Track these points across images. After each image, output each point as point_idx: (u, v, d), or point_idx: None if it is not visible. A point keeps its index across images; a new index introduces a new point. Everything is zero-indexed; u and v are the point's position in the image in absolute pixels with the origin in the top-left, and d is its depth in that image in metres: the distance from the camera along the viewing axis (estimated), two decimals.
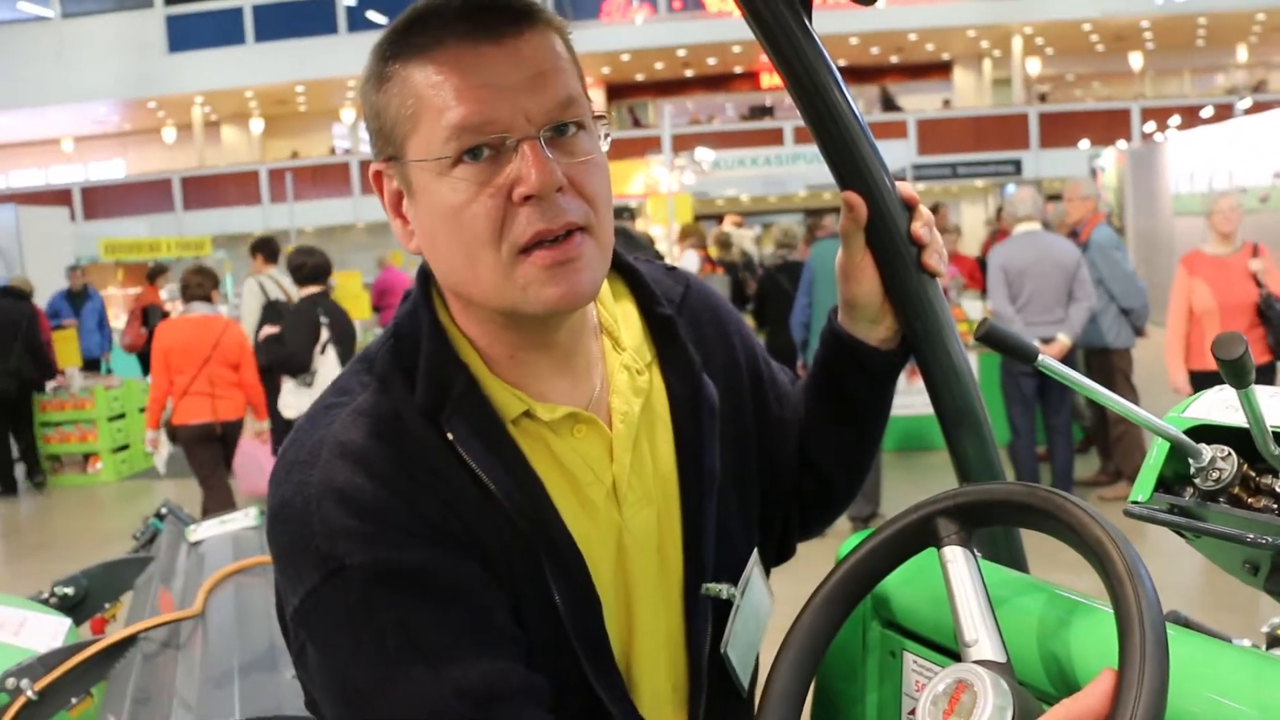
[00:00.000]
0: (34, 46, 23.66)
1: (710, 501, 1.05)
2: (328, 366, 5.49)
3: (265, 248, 7.15)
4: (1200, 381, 5.40)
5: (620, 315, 1.09)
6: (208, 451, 5.83)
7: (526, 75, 0.90)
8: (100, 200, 24.49)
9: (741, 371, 1.16)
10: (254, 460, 6.22)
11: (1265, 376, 5.30)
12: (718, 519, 1.06)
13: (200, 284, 5.92)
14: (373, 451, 0.91)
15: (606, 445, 1.01)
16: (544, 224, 0.90)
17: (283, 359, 5.58)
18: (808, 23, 1.10)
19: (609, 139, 0.97)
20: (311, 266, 5.75)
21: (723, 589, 1.05)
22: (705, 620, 1.05)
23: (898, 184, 1.14)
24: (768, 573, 1.18)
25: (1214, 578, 1.60)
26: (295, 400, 5.57)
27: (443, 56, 0.90)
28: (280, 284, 6.92)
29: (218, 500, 5.85)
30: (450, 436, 0.94)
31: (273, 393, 5.89)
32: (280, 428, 5.73)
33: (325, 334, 5.55)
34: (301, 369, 5.51)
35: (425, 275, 1.02)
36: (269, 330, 5.95)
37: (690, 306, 1.15)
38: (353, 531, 0.88)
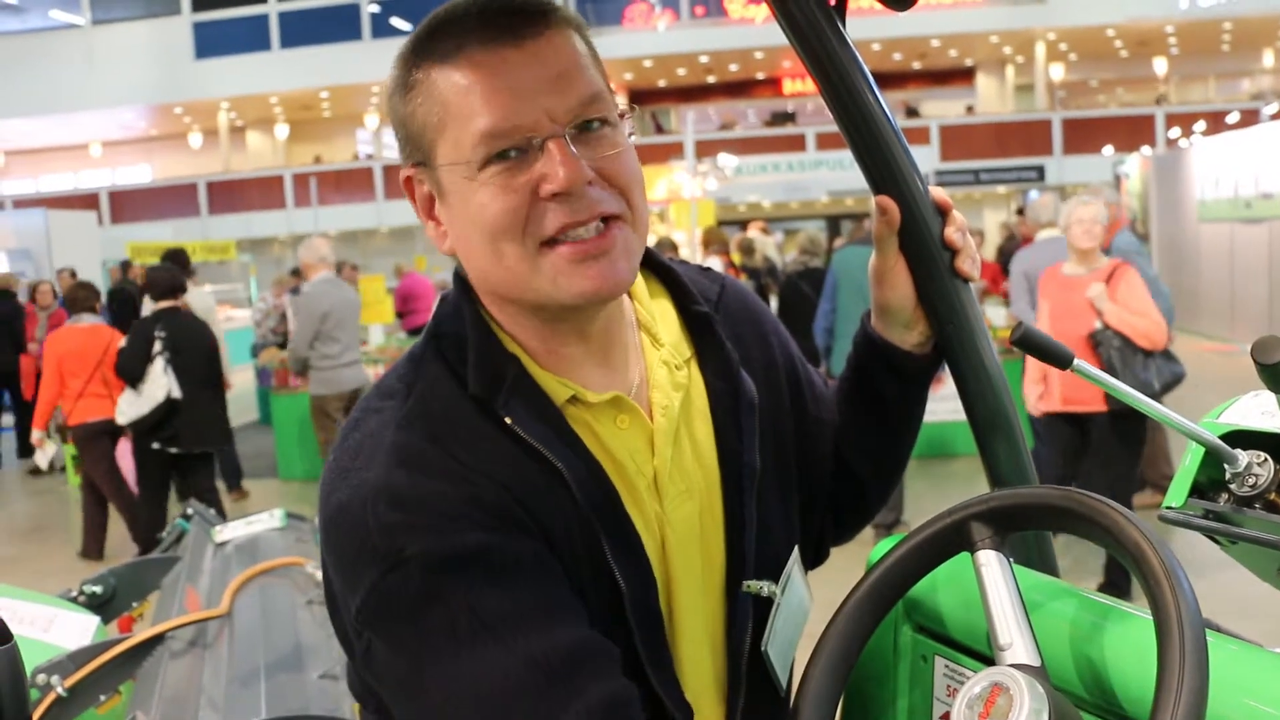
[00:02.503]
0: (64, 53, 23.92)
1: (751, 497, 1.06)
2: (155, 380, 5.89)
3: (174, 262, 7.42)
4: (1045, 425, 4.89)
5: (657, 312, 1.10)
6: (102, 448, 6.35)
7: (548, 76, 0.92)
8: (127, 204, 24.72)
9: (779, 371, 1.17)
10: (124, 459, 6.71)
11: (1077, 424, 4.70)
12: (759, 515, 1.06)
13: (85, 297, 6.52)
14: (427, 450, 0.92)
15: (647, 438, 1.02)
16: (570, 217, 0.92)
17: (120, 369, 6.03)
18: (842, 28, 1.10)
19: (632, 134, 0.98)
20: (164, 285, 6.19)
21: (764, 586, 1.05)
22: (746, 617, 1.05)
23: (931, 189, 1.14)
24: (805, 573, 1.18)
25: (1244, 587, 1.58)
26: (127, 406, 5.96)
27: (465, 63, 0.92)
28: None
29: (126, 497, 6.35)
30: (509, 420, 0.94)
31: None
32: (134, 428, 6.06)
33: (159, 346, 5.91)
34: (133, 380, 5.92)
35: (463, 276, 1.03)
36: (120, 343, 6.44)
37: (727, 305, 1.16)
38: (409, 524, 0.88)
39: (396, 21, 23.56)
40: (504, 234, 0.92)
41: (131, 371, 5.90)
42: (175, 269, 6.53)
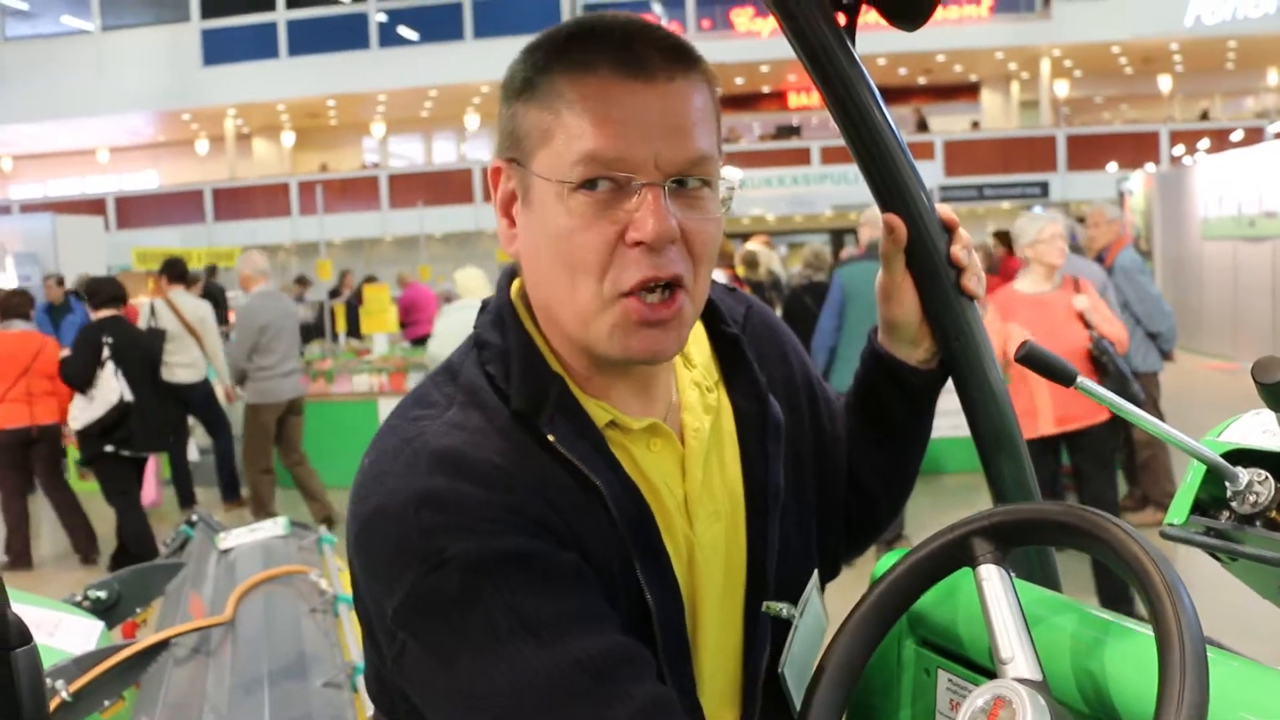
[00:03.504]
0: (74, 59, 24.01)
1: (774, 519, 1.06)
2: (106, 383, 6.06)
3: (170, 270, 7.62)
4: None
5: (691, 335, 1.10)
6: (13, 456, 6.45)
7: (668, 123, 0.91)
8: (134, 210, 24.78)
9: (799, 390, 1.18)
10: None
11: (1088, 441, 4.56)
12: (781, 538, 1.07)
13: (19, 304, 6.65)
14: (471, 458, 0.91)
15: (679, 460, 1.03)
16: (653, 270, 0.91)
17: (67, 375, 6.17)
18: (851, 48, 1.12)
19: (731, 200, 0.98)
20: (106, 293, 6.41)
21: (783, 608, 1.06)
22: (765, 638, 1.06)
23: (937, 207, 1.16)
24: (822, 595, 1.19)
25: (1245, 605, 1.59)
26: (79, 412, 6.10)
27: (593, 82, 0.91)
28: (175, 305, 7.41)
29: (13, 509, 6.50)
30: (551, 438, 0.94)
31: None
32: (79, 434, 6.19)
33: (107, 353, 6.09)
34: (83, 386, 6.07)
35: (508, 284, 1.03)
36: (64, 351, 6.63)
37: (752, 326, 1.17)
38: (452, 526, 0.88)
39: (404, 31, 23.67)
40: (584, 270, 0.92)
41: (80, 378, 6.06)
42: (116, 281, 6.79)
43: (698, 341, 1.11)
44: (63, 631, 2.49)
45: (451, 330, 6.96)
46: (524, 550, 0.88)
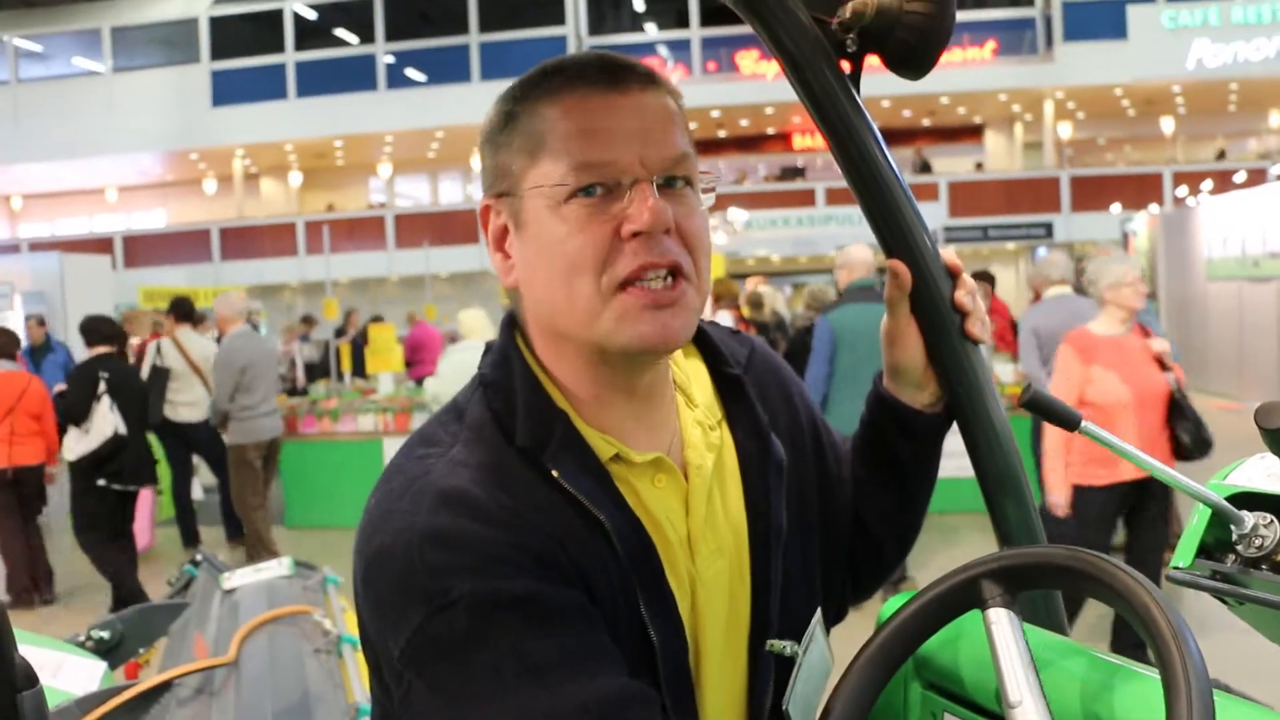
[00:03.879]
0: (85, 100, 24.25)
1: (778, 557, 1.07)
2: (102, 416, 6.23)
3: (178, 309, 7.82)
4: (1090, 500, 4.37)
5: (691, 373, 1.12)
6: (2, 497, 6.52)
7: (647, 126, 0.96)
8: (141, 249, 24.91)
9: (804, 433, 1.19)
10: (140, 509, 6.92)
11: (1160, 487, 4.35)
12: (784, 575, 1.08)
13: (5, 343, 6.73)
14: (476, 496, 0.92)
15: (682, 496, 1.04)
16: (651, 258, 0.94)
17: (64, 409, 6.34)
18: (856, 96, 1.14)
19: (713, 196, 1.02)
20: (103, 331, 6.60)
21: (786, 645, 1.06)
22: (768, 676, 1.06)
23: (941, 251, 1.17)
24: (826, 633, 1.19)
25: (1250, 649, 1.59)
26: (75, 444, 6.24)
27: (572, 98, 0.96)
28: (181, 344, 7.58)
29: (11, 546, 6.56)
30: (555, 474, 0.96)
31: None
32: (72, 467, 6.34)
33: (103, 387, 6.26)
34: (79, 419, 6.23)
35: (510, 325, 1.06)
36: (60, 387, 6.83)
37: (755, 368, 1.18)
38: (458, 567, 0.88)
39: (411, 73, 23.88)
40: (581, 269, 0.94)
41: (78, 411, 6.21)
42: (112, 320, 6.95)
43: (700, 382, 1.12)
44: (65, 672, 2.48)
45: (454, 370, 7.06)
46: (530, 591, 0.89)
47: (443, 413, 1.04)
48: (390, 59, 24.06)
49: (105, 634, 2.84)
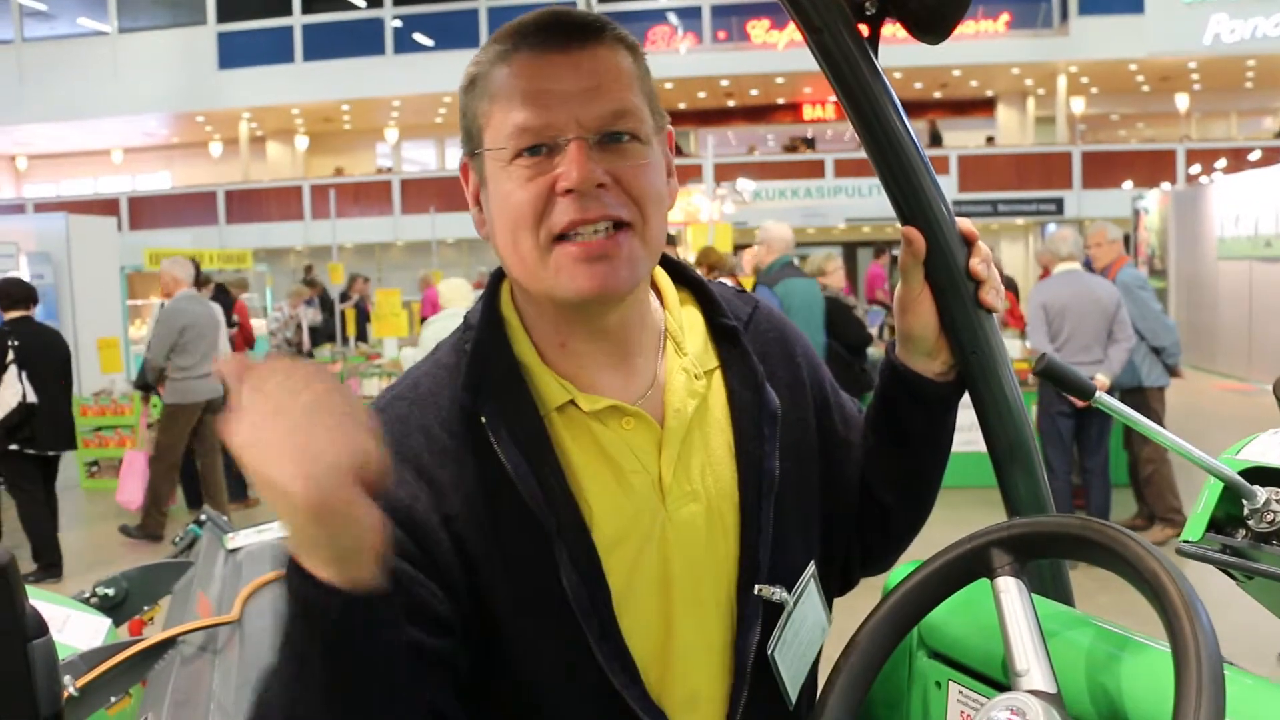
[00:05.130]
0: (91, 60, 24.13)
1: (768, 505, 1.08)
2: (10, 384, 6.28)
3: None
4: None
5: (687, 323, 1.14)
6: None
7: (584, 85, 0.99)
8: (146, 210, 24.87)
9: (806, 390, 1.19)
10: (131, 469, 7.15)
11: None
12: (776, 523, 1.09)
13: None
14: (394, 432, 1.00)
15: (656, 438, 1.06)
16: (579, 214, 0.97)
17: None
18: (874, 58, 1.12)
19: (672, 153, 1.05)
20: (15, 295, 6.58)
21: (775, 591, 1.07)
22: (755, 620, 1.07)
23: (957, 220, 1.16)
24: (830, 603, 1.19)
25: (1253, 627, 1.59)
26: None
27: (516, 63, 1.00)
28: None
29: None
30: (483, 420, 1.01)
31: None
32: None
33: (11, 355, 6.30)
34: None
35: (499, 275, 1.11)
36: None
37: (757, 325, 1.19)
38: None
39: (419, 37, 23.74)
40: (522, 224, 0.99)
41: None
42: (26, 282, 6.91)
43: (693, 331, 1.14)
44: (70, 627, 2.50)
45: (433, 338, 7.13)
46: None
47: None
48: (398, 23, 23.91)
49: (110, 591, 2.86)
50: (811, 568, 1.14)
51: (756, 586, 1.07)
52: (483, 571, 0.99)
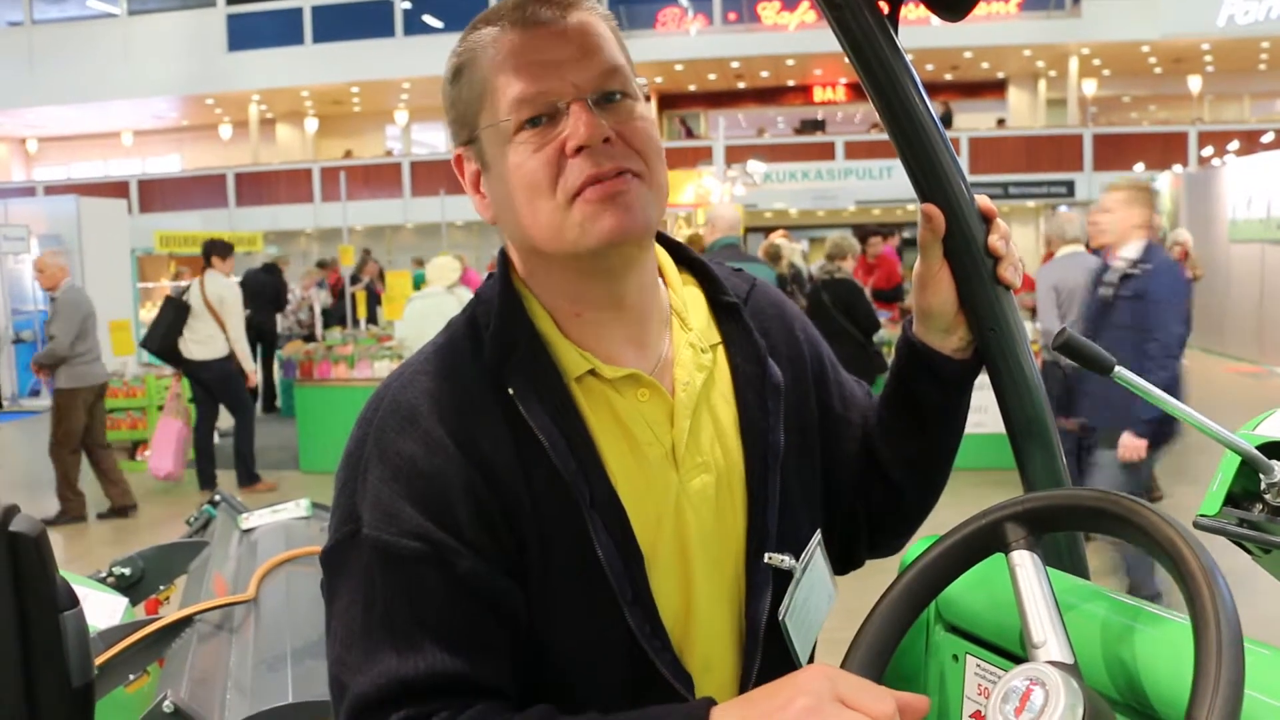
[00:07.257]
0: (100, 42, 24.12)
1: (774, 475, 1.11)
2: None
3: (207, 251, 8.10)
4: None
5: (689, 301, 1.16)
6: None
7: (573, 51, 1.01)
8: (156, 193, 24.89)
9: (805, 364, 1.22)
10: (166, 434, 7.45)
11: None
12: (782, 493, 1.11)
13: None
14: (424, 408, 1.01)
15: (668, 411, 1.08)
16: (594, 169, 1.00)
17: None
18: (894, 35, 1.12)
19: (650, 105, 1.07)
20: None
21: (784, 559, 1.09)
22: (765, 587, 1.09)
23: (976, 197, 1.17)
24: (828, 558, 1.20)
25: (1264, 607, 1.60)
26: None
27: (502, 42, 1.03)
28: (204, 283, 7.85)
29: None
30: (511, 391, 1.02)
31: None
32: None
33: None
34: None
35: (504, 253, 1.12)
36: None
37: (756, 302, 1.21)
38: (379, 501, 0.99)
39: (428, 19, 23.67)
40: (538, 189, 1.01)
41: None
42: None
43: (696, 308, 1.16)
44: (87, 606, 2.49)
45: (417, 315, 7.47)
46: (421, 556, 0.97)
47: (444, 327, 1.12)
48: (407, 5, 23.84)
49: (126, 570, 2.88)
50: (818, 536, 1.16)
51: (766, 555, 1.09)
52: (524, 538, 1.01)
